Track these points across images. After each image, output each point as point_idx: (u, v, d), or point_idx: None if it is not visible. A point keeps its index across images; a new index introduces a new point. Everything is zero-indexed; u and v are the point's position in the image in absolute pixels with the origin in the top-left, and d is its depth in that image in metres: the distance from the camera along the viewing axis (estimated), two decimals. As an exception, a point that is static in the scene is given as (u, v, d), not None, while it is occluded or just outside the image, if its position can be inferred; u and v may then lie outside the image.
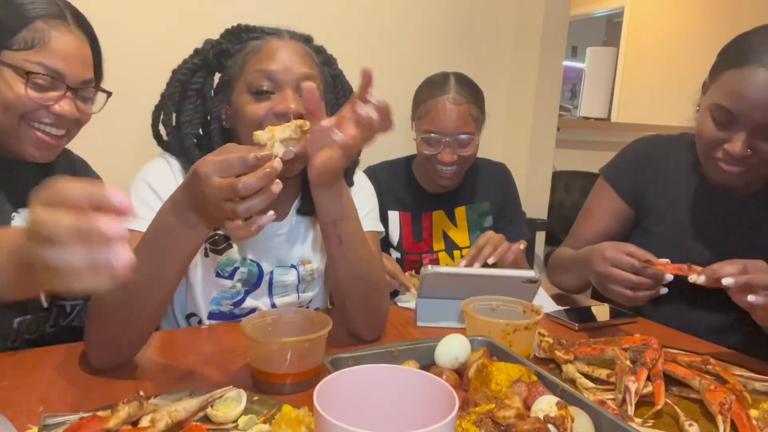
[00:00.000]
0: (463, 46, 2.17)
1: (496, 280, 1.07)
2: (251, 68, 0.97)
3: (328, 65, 1.11)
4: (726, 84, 1.05)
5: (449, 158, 1.45)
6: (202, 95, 1.03)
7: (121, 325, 0.81)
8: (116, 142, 1.59)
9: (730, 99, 1.03)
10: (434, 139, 1.46)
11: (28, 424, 0.67)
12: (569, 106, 4.18)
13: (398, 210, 1.59)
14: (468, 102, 1.47)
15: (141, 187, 0.99)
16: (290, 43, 1.00)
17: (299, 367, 0.79)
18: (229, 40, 1.03)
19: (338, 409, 0.48)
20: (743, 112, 1.02)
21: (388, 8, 1.99)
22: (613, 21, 5.39)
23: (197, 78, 1.02)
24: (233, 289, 1.08)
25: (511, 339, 0.90)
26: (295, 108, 0.94)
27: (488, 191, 1.63)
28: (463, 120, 1.46)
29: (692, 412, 0.77)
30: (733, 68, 1.04)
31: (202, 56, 1.02)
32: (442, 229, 1.60)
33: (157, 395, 0.73)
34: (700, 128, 1.11)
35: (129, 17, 1.61)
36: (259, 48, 0.99)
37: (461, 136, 1.45)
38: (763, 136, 1.03)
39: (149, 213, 0.90)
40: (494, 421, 0.60)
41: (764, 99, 1.00)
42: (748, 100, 1.01)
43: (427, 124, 1.48)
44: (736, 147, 1.03)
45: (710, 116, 1.08)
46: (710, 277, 0.91)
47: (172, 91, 1.02)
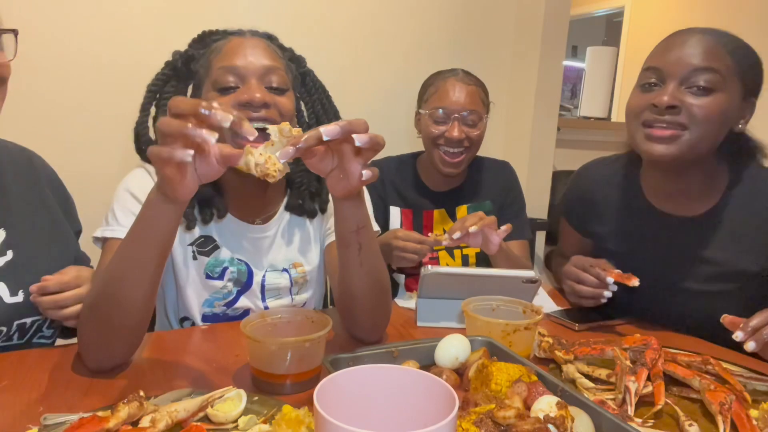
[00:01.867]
0: (463, 46, 2.17)
1: (496, 280, 1.07)
2: (215, 67, 0.98)
3: (296, 63, 1.12)
4: (654, 51, 1.12)
5: (458, 134, 1.43)
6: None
7: (108, 324, 0.81)
8: (104, 149, 1.61)
9: (657, 56, 1.10)
10: (442, 116, 1.45)
11: (28, 424, 0.67)
12: (569, 106, 4.17)
13: (400, 206, 1.58)
14: (475, 84, 1.48)
15: (123, 196, 1.00)
16: (252, 39, 1.02)
17: (299, 367, 0.79)
18: (194, 46, 1.06)
19: (338, 409, 0.48)
20: (669, 61, 1.07)
21: (389, 8, 1.99)
22: (613, 20, 5.38)
23: (168, 87, 1.05)
24: (224, 290, 1.08)
25: (511, 339, 0.90)
26: (260, 97, 0.94)
27: (491, 190, 1.61)
28: (470, 98, 1.45)
29: (692, 412, 0.77)
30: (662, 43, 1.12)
31: (171, 66, 1.06)
32: (443, 228, 1.59)
33: (157, 395, 0.73)
34: (628, 104, 1.16)
35: (123, 26, 1.61)
36: (221, 47, 1.00)
37: (469, 114, 1.44)
38: (690, 87, 1.05)
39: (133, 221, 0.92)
40: (494, 421, 0.60)
41: (687, 48, 1.06)
42: (673, 49, 1.08)
43: (435, 102, 1.47)
44: (663, 97, 1.05)
45: (638, 87, 1.14)
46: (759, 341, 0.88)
47: (146, 102, 1.05)
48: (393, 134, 2.05)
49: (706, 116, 1.04)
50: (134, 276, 0.78)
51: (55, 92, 1.55)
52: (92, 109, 1.60)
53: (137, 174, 1.04)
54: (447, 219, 1.58)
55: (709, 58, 1.04)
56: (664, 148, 1.07)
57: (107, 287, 0.79)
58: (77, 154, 1.59)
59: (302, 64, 1.14)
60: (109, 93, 1.61)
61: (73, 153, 1.58)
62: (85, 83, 1.58)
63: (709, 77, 1.04)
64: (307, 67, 1.15)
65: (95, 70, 1.58)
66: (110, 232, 0.97)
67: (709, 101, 1.04)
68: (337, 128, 0.72)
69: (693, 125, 1.05)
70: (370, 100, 1.99)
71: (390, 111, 2.01)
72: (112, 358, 0.85)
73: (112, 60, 1.60)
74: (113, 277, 0.79)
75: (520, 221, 1.60)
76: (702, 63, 1.04)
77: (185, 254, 1.06)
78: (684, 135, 1.06)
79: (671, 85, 1.06)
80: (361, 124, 0.73)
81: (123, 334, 0.83)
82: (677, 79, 1.06)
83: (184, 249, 1.06)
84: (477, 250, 1.53)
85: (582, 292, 1.15)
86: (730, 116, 1.08)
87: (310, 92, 1.14)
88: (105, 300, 0.80)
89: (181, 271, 1.06)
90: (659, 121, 1.07)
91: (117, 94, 1.60)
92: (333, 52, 1.88)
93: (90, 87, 1.59)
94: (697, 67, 1.04)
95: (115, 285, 0.79)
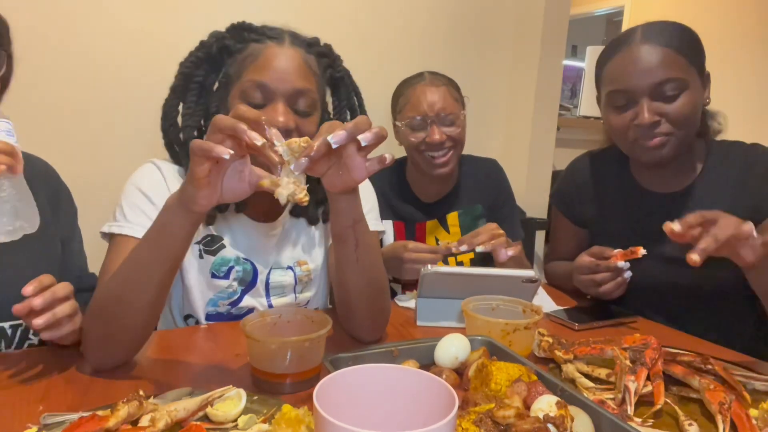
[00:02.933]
0: (463, 46, 2.17)
1: (496, 280, 1.07)
2: (247, 77, 0.97)
3: (333, 67, 1.09)
4: (611, 72, 1.18)
5: (438, 136, 1.41)
6: (204, 88, 1.03)
7: (115, 323, 0.81)
8: (108, 151, 1.61)
9: (620, 79, 1.16)
10: (418, 123, 1.43)
11: (28, 424, 0.67)
12: (569, 106, 4.17)
13: (391, 219, 1.56)
14: (445, 84, 1.46)
15: (132, 192, 0.99)
16: (290, 50, 0.99)
17: (299, 367, 0.79)
18: (232, 36, 1.02)
19: (338, 409, 0.48)
20: (634, 83, 1.13)
21: (388, 8, 1.99)
22: (613, 20, 5.38)
23: (200, 71, 1.02)
24: (230, 289, 1.08)
25: (510, 339, 0.90)
26: (283, 122, 0.94)
27: (481, 193, 1.58)
28: (443, 99, 1.43)
29: (692, 412, 0.77)
30: (610, 59, 1.19)
31: (206, 50, 1.02)
32: (435, 236, 1.57)
33: (157, 395, 0.72)
34: (609, 123, 1.22)
35: (141, 19, 1.61)
36: (257, 54, 0.98)
37: (445, 115, 1.42)
38: (660, 98, 1.12)
39: (142, 217, 0.95)
40: (494, 420, 0.60)
41: (645, 64, 1.12)
42: (633, 71, 1.13)
43: (409, 111, 1.45)
44: (644, 116, 1.13)
45: (611, 108, 1.19)
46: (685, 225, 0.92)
47: (176, 84, 1.03)
48: (392, 138, 2.06)
49: (684, 116, 1.13)
50: (144, 280, 0.79)
51: (58, 94, 1.55)
52: (96, 111, 1.60)
53: (147, 169, 1.03)
54: (439, 227, 1.57)
55: (666, 69, 1.11)
56: (658, 153, 1.16)
57: (116, 288, 0.80)
58: (79, 156, 1.58)
59: (338, 68, 1.10)
60: (114, 95, 1.61)
61: (75, 155, 1.57)
62: (90, 85, 1.58)
63: (673, 85, 1.12)
64: (343, 69, 1.11)
65: (99, 71, 1.58)
66: (117, 228, 0.96)
67: (682, 103, 1.12)
68: (344, 133, 0.72)
69: (677, 128, 1.14)
70: (368, 101, 1.98)
71: (387, 110, 2.01)
72: (115, 357, 0.85)
73: (116, 60, 1.59)
74: (123, 279, 0.80)
75: (512, 222, 1.58)
76: (663, 75, 1.11)
77: (192, 253, 1.06)
78: (671, 139, 1.14)
79: (644, 102, 1.13)
80: (365, 122, 0.73)
81: (128, 334, 0.83)
82: (646, 95, 1.13)
83: (191, 248, 1.05)
84: (471, 256, 1.51)
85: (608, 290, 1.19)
86: (699, 102, 1.16)
87: (341, 99, 1.12)
88: (113, 301, 0.80)
89: (188, 270, 1.05)
90: (645, 135, 1.15)
91: (123, 96, 1.60)
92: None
93: (95, 89, 1.59)
94: (660, 81, 1.11)
95: (124, 287, 0.79)
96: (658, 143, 1.14)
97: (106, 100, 1.61)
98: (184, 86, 1.02)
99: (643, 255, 1.12)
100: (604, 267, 1.17)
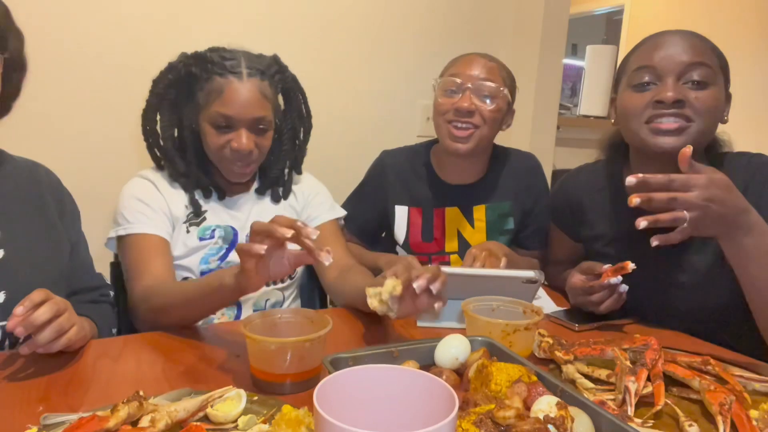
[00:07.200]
0: (462, 45, 2.15)
1: (496, 281, 1.07)
2: (214, 109, 1.14)
3: (283, 81, 1.25)
4: (639, 54, 1.13)
5: (467, 104, 1.30)
6: (176, 105, 1.21)
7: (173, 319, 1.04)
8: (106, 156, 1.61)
9: (648, 57, 1.10)
10: (456, 85, 1.33)
11: (28, 424, 0.67)
12: (569, 105, 4.17)
13: (406, 205, 1.45)
14: (499, 65, 1.37)
15: (130, 201, 1.18)
16: (248, 84, 1.14)
17: (299, 367, 0.79)
18: (196, 63, 1.17)
19: (338, 409, 0.48)
20: (663, 60, 1.08)
21: (388, 6, 1.99)
22: (613, 19, 5.37)
23: (171, 91, 1.20)
24: (216, 245, 1.24)
25: (511, 339, 0.90)
26: (246, 144, 1.15)
27: (513, 189, 1.46)
28: (489, 71, 1.33)
29: (692, 413, 0.77)
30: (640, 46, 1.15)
31: (175, 73, 1.18)
32: (457, 228, 1.45)
33: (157, 395, 0.73)
34: (625, 106, 1.15)
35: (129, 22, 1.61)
36: (221, 90, 1.14)
37: (485, 83, 1.31)
38: (687, 81, 1.07)
39: (142, 217, 1.16)
40: (494, 421, 0.60)
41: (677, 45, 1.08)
42: (664, 49, 1.09)
43: (451, 70, 1.36)
44: (667, 93, 1.06)
45: (630, 88, 1.13)
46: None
47: (151, 102, 1.21)
48: (390, 133, 2.06)
49: (707, 108, 1.07)
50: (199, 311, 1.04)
51: (60, 95, 1.55)
52: (95, 117, 1.60)
53: (136, 181, 1.22)
54: (462, 219, 1.44)
55: (699, 54, 1.08)
56: (674, 140, 1.08)
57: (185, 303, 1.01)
58: (79, 160, 1.58)
59: (287, 80, 1.26)
60: (113, 98, 1.60)
61: (76, 159, 1.57)
62: (88, 88, 1.58)
63: (702, 71, 1.07)
64: (290, 79, 1.27)
65: (99, 74, 1.58)
66: (124, 230, 1.15)
67: (707, 94, 1.07)
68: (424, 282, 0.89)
69: (697, 117, 1.07)
70: (368, 98, 1.98)
71: (388, 109, 2.01)
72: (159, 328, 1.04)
73: (115, 63, 1.59)
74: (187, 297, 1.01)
75: (541, 232, 1.50)
76: (694, 58, 1.07)
77: (180, 231, 1.21)
78: (691, 126, 1.08)
79: (669, 81, 1.08)
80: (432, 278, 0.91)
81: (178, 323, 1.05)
82: (674, 75, 1.08)
83: (179, 227, 1.21)
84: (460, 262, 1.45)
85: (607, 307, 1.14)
86: (721, 109, 1.12)
87: (290, 102, 1.29)
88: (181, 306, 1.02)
89: (181, 248, 1.20)
90: (665, 115, 1.08)
91: (123, 99, 1.60)
92: (329, 51, 1.87)
93: (94, 90, 1.58)
94: (691, 62, 1.07)
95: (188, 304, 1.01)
96: (675, 127, 1.07)
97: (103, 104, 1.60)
98: (158, 103, 1.20)
99: (633, 269, 1.07)
100: (597, 287, 1.12)
